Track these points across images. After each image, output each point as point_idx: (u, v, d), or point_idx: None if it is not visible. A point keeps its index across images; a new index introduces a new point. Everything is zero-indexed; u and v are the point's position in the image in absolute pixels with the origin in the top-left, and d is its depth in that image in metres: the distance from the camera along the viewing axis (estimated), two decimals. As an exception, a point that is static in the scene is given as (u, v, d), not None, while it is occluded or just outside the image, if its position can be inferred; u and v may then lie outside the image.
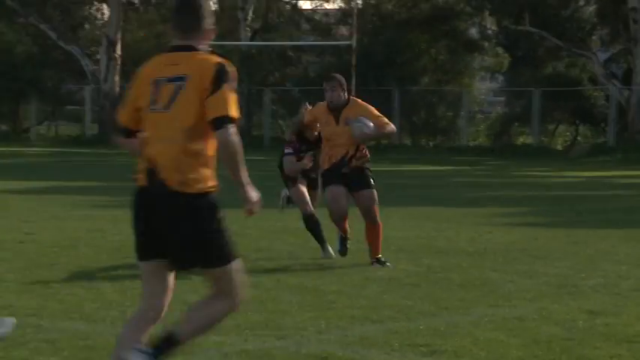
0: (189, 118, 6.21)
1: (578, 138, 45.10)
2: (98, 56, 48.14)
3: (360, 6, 45.42)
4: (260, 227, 14.60)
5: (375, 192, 12.52)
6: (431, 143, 44.61)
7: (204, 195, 6.19)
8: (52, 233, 14.40)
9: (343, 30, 48.60)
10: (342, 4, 51.21)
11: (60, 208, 17.96)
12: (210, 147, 6.21)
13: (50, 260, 12.15)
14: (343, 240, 12.51)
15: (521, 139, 44.85)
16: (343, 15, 49.85)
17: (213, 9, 55.53)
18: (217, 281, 6.48)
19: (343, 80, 12.85)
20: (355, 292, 10.26)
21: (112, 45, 46.98)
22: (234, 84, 6.58)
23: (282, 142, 14.75)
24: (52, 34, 48.21)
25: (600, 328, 8.85)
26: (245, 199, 6.46)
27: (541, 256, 13.07)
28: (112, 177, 27.01)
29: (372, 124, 12.46)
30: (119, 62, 47.49)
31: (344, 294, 10.15)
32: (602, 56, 45.33)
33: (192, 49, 6.38)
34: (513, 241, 14.67)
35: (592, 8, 47.10)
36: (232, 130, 6.34)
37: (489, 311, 9.13)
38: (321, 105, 12.86)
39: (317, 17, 53.78)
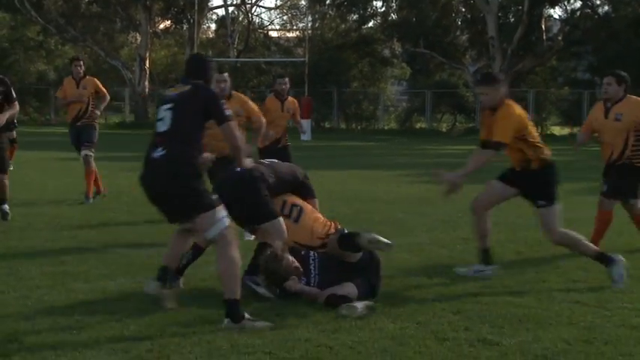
0: None
1: (457, 123, 45.27)
2: (133, 68, 47.65)
3: (310, 34, 45.23)
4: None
5: None
6: (359, 127, 44.60)
7: None
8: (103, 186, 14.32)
9: (299, 51, 48.36)
10: (299, 33, 51.03)
11: (109, 169, 17.85)
12: None
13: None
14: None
15: (418, 125, 44.96)
16: (299, 40, 49.62)
17: (211, 37, 55.32)
18: None
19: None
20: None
21: (142, 61, 46.56)
22: None
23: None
24: (102, 53, 47.76)
25: (473, 250, 8.95)
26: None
27: (432, 203, 13.13)
28: (143, 150, 26.83)
29: None
30: (147, 73, 47.13)
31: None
32: (472, 68, 45.49)
33: None
34: (414, 193, 14.73)
35: (465, 36, 47.25)
36: None
37: (399, 240, 9.17)
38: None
39: (281, 42, 53.56)
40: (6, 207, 10.23)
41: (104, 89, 12.98)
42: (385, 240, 6.57)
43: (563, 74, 44.80)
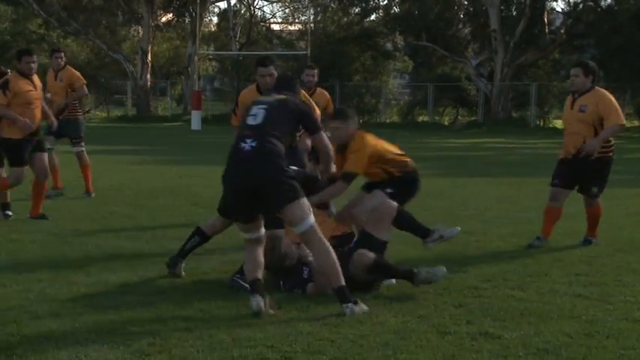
0: None
1: (459, 117, 45.23)
2: (135, 61, 47.63)
3: (312, 28, 45.19)
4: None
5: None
6: (361, 120, 44.31)
7: None
8: (105, 179, 14.30)
9: (301, 44, 48.29)
10: (300, 26, 50.98)
11: (111, 163, 17.84)
12: None
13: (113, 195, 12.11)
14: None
15: (420, 118, 44.91)
16: (301, 33, 49.57)
17: (213, 30, 55.24)
18: None
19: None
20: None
21: (144, 54, 46.50)
22: None
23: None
24: (104, 47, 47.72)
25: (474, 244, 8.94)
26: None
27: (434, 196, 13.11)
28: (145, 143, 26.80)
29: None
30: (149, 66, 47.07)
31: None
32: (474, 62, 45.45)
33: None
34: (416, 186, 14.72)
35: (467, 29, 47.17)
36: None
37: (400, 233, 9.15)
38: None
39: (284, 35, 53.52)
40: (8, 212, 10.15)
41: (80, 81, 12.49)
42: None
43: (566, 67, 44.71)
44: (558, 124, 41.73)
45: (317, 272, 6.40)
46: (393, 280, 6.78)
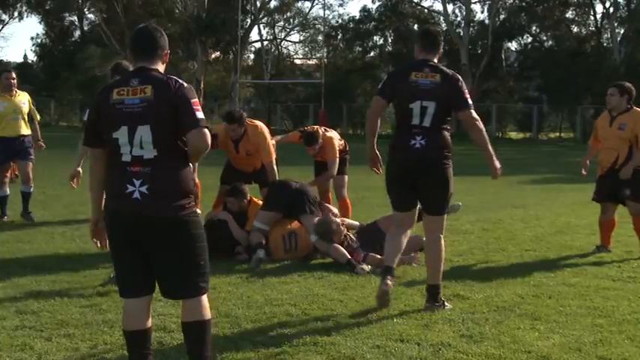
0: None
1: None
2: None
3: (326, 62, 45.09)
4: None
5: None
6: (362, 133, 44.33)
7: None
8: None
9: (317, 74, 48.24)
10: (317, 61, 50.95)
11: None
12: None
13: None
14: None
15: (407, 130, 44.73)
16: (317, 66, 49.55)
17: (250, 64, 55.23)
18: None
19: None
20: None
21: (199, 82, 46.57)
22: None
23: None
24: (168, 77, 47.74)
25: (449, 227, 8.85)
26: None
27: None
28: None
29: None
30: (202, 92, 47.13)
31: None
32: (449, 88, 45.18)
33: None
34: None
35: (444, 64, 46.34)
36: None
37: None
38: None
39: (304, 68, 53.53)
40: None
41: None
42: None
43: (518, 92, 44.57)
44: (512, 135, 41.60)
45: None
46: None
